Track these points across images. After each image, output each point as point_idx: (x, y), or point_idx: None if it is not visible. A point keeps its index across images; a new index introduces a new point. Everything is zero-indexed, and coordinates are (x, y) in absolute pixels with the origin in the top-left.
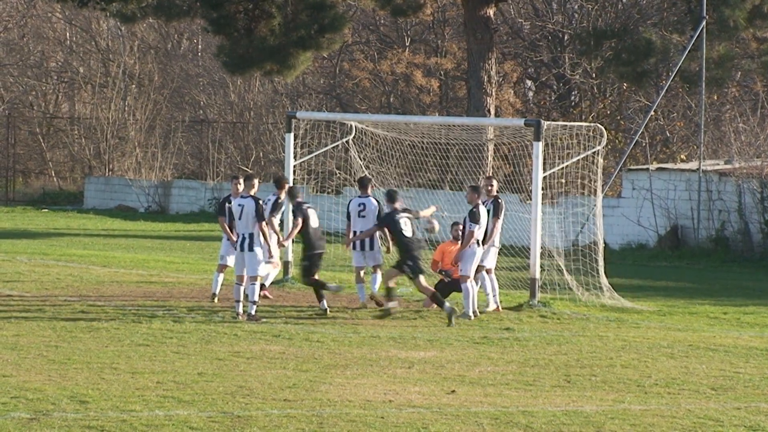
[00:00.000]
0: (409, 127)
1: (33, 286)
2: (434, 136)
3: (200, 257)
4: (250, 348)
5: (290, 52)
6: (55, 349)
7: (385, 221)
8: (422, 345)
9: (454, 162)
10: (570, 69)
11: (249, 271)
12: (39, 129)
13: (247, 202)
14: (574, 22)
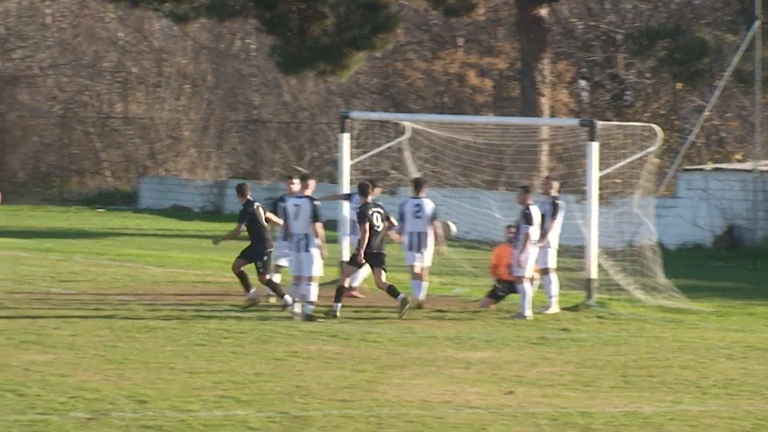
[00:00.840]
0: (463, 128)
1: (89, 285)
2: (488, 136)
3: None
4: (308, 348)
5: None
6: (112, 349)
7: (361, 216)
8: (480, 345)
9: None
10: (624, 69)
11: (305, 271)
12: (93, 129)
13: (303, 203)
14: (627, 22)
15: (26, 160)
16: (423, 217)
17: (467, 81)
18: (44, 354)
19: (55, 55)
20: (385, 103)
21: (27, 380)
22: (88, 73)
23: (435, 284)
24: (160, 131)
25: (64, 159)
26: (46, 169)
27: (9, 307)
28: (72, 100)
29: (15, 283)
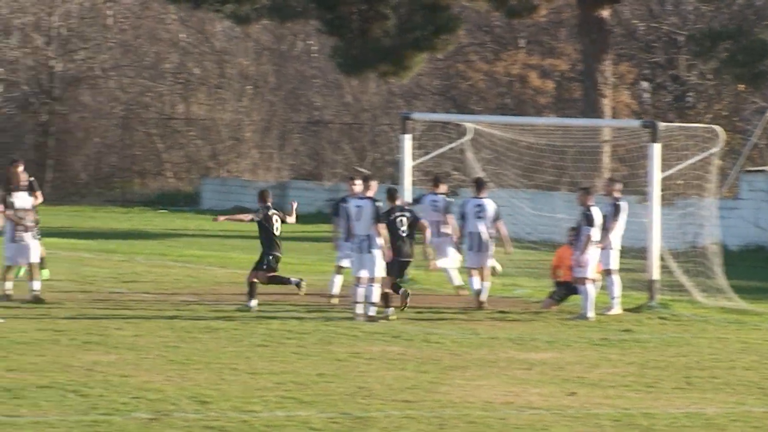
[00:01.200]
0: (525, 129)
1: (151, 286)
2: (550, 137)
3: (317, 258)
4: (370, 349)
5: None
6: (174, 350)
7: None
8: (542, 346)
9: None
10: (686, 70)
11: (368, 272)
12: (155, 130)
13: (365, 203)
14: (688, 24)
15: (88, 161)
16: (485, 217)
17: (529, 82)
18: (107, 354)
19: (117, 57)
20: (447, 105)
21: (89, 381)
22: (149, 74)
23: (497, 285)
24: (222, 132)
25: (126, 160)
26: (109, 170)
27: (72, 307)
28: (134, 101)
29: (77, 284)
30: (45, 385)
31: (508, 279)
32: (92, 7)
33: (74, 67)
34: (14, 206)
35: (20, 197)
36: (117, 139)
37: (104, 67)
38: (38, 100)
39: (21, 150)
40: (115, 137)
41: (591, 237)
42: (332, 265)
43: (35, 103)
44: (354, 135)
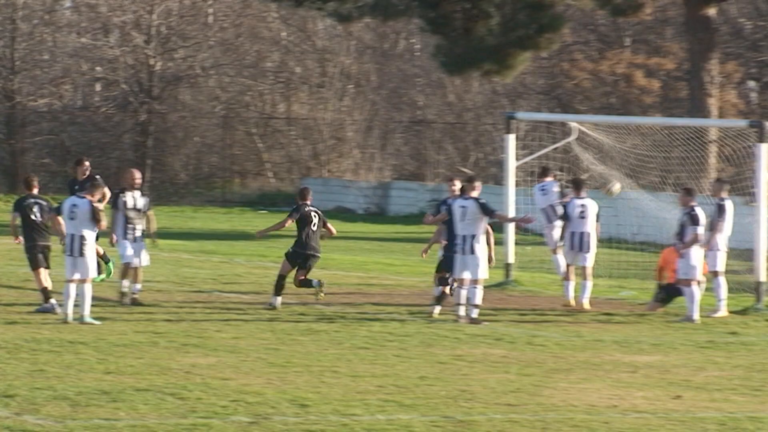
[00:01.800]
0: (630, 129)
1: (251, 288)
2: (656, 137)
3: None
4: (472, 351)
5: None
6: (274, 352)
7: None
8: (647, 349)
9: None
10: None
11: (471, 273)
12: (256, 130)
13: (469, 204)
14: None
15: (188, 161)
16: (588, 217)
17: (634, 81)
18: (206, 357)
19: (217, 55)
20: (551, 104)
21: (188, 384)
22: (250, 73)
23: (602, 287)
24: (324, 132)
25: (226, 160)
26: (208, 170)
27: (171, 309)
28: (234, 100)
29: (177, 286)
30: (143, 388)
31: (614, 281)
32: (192, 5)
33: (174, 65)
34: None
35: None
36: (217, 139)
37: (204, 65)
38: (137, 100)
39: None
40: (215, 137)
41: (698, 236)
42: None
43: (134, 103)
44: (457, 135)
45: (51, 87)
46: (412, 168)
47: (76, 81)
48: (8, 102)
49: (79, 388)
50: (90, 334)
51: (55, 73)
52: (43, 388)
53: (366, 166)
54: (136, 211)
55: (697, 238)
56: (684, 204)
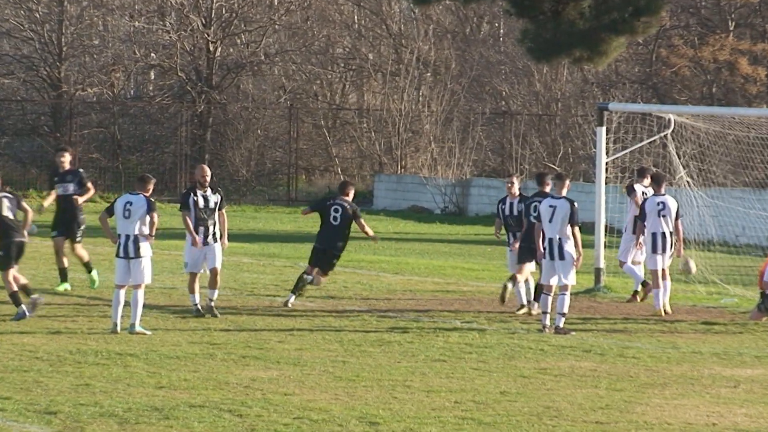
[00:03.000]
0: (734, 121)
1: (318, 294)
2: (762, 130)
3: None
4: (558, 364)
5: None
6: (342, 365)
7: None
8: (749, 362)
9: None
10: None
11: (561, 279)
12: (324, 122)
13: (559, 203)
14: None
15: (250, 155)
16: (668, 214)
17: (738, 69)
18: (266, 370)
19: (283, 41)
20: (647, 94)
21: (247, 399)
22: (318, 60)
23: (701, 294)
24: (398, 124)
25: (291, 155)
26: (272, 166)
27: (229, 318)
28: (301, 89)
29: (236, 292)
30: (198, 404)
31: (714, 287)
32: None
33: (235, 52)
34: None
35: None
36: (282, 132)
37: (269, 51)
38: (195, 89)
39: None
40: (279, 130)
41: None
42: None
43: (192, 92)
44: (544, 127)
45: (101, 75)
46: (494, 164)
47: (128, 68)
48: (54, 91)
49: (128, 404)
50: (140, 345)
51: (106, 59)
52: (88, 405)
53: (444, 162)
54: (209, 210)
55: None
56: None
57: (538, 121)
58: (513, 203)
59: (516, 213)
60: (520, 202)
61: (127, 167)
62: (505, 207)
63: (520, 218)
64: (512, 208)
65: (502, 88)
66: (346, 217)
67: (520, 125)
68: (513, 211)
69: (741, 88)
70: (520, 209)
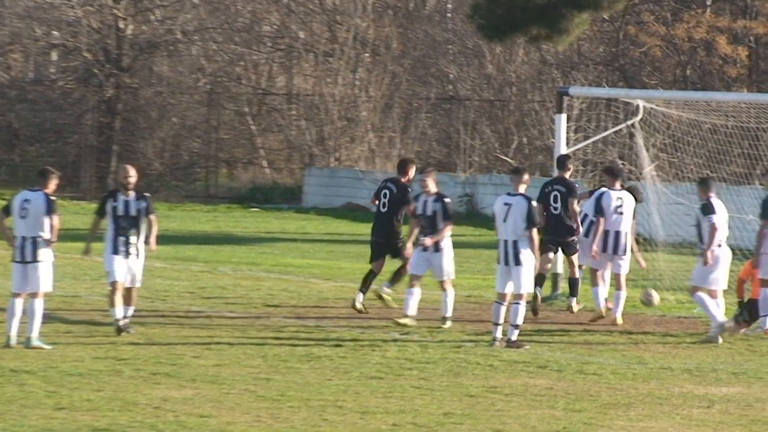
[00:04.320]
0: (710, 107)
1: (239, 303)
2: (741, 117)
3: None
4: (510, 382)
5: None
6: (265, 383)
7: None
8: (725, 379)
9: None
10: None
11: (515, 287)
12: (248, 108)
13: (516, 201)
14: None
15: (164, 146)
16: (625, 213)
17: (716, 49)
18: (180, 389)
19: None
20: (613, 77)
21: (158, 422)
22: (242, 38)
23: (671, 302)
24: (332, 111)
25: (211, 146)
26: (189, 159)
27: (138, 330)
28: (222, 72)
29: (147, 301)
30: (103, 428)
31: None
32: None
33: (149, 30)
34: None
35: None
36: (200, 120)
37: (186, 29)
38: (103, 71)
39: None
40: (197, 117)
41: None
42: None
43: (99, 75)
44: (496, 115)
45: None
46: (440, 155)
47: (27, 48)
48: None
49: (22, 427)
50: (38, 361)
51: (2, 38)
52: None
53: (383, 154)
54: (130, 219)
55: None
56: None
57: (489, 108)
58: (427, 201)
59: (430, 213)
60: (436, 201)
61: (25, 160)
62: (419, 205)
63: (434, 218)
64: (426, 206)
65: (450, 70)
66: (395, 202)
67: (469, 112)
68: (426, 210)
69: (719, 70)
70: (434, 209)
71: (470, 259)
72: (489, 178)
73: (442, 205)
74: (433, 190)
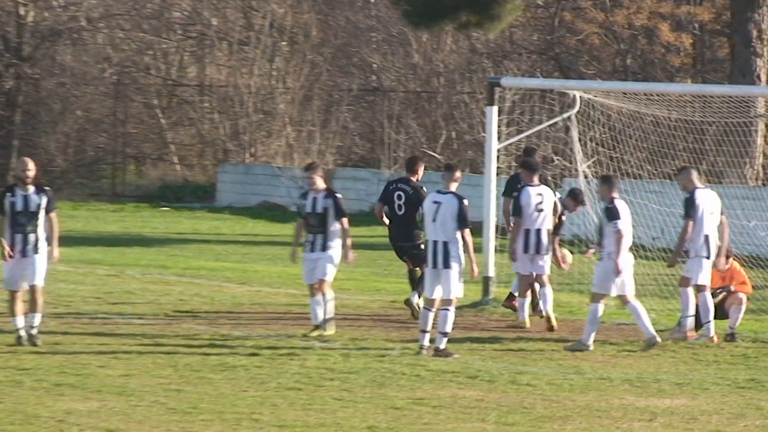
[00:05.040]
0: (652, 99)
1: (148, 309)
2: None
3: (371, 271)
4: (438, 393)
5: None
6: (176, 395)
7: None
8: (668, 390)
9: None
10: None
11: (444, 292)
12: (157, 100)
13: (446, 200)
14: None
15: (68, 141)
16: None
17: (658, 37)
18: (85, 401)
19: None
20: (548, 67)
21: None
22: (151, 26)
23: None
24: (247, 104)
25: (117, 141)
26: (94, 154)
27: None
28: (130, 62)
29: (49, 306)
30: None
31: None
32: None
33: (51, 16)
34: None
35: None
36: (106, 113)
37: (91, 16)
38: (2, 61)
39: None
40: (103, 110)
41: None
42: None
43: None
44: (423, 107)
45: None
46: (363, 151)
47: None
48: None
49: None
50: None
51: None
52: None
53: (302, 149)
54: (30, 214)
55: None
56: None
57: (416, 100)
58: (317, 198)
59: (320, 210)
60: (326, 198)
61: None
62: (307, 203)
63: (325, 216)
64: (315, 204)
65: (373, 60)
66: (412, 203)
67: (394, 104)
68: (316, 208)
69: (661, 59)
70: (325, 205)
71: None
72: None
73: (334, 202)
74: (322, 187)
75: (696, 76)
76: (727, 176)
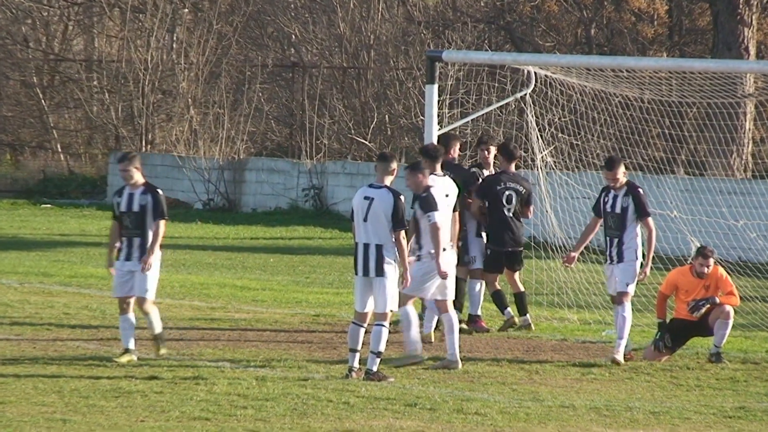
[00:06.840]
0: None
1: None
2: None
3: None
4: (370, 424)
5: None
6: (61, 425)
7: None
8: (641, 420)
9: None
10: None
11: (377, 305)
12: (37, 78)
13: (379, 195)
14: None
15: None
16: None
17: (628, 4)
18: None
19: None
20: (498, 38)
21: None
22: None
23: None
24: (143, 82)
25: None
26: None
27: None
28: (5, 33)
29: None
30: None
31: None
32: None
33: None
34: None
35: None
36: None
37: None
38: None
39: None
40: None
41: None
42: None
43: None
44: (350, 86)
45: None
46: (280, 137)
47: None
48: None
49: None
50: None
51: None
52: None
53: (208, 135)
54: None
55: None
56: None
57: (342, 77)
58: (134, 195)
59: (137, 208)
60: (144, 194)
61: None
62: (123, 201)
63: (143, 215)
64: (131, 201)
65: (291, 30)
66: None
67: (316, 83)
68: (132, 206)
69: (631, 29)
70: (143, 203)
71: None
72: (342, 165)
73: (153, 198)
74: (141, 181)
75: (672, 48)
76: (710, 167)
